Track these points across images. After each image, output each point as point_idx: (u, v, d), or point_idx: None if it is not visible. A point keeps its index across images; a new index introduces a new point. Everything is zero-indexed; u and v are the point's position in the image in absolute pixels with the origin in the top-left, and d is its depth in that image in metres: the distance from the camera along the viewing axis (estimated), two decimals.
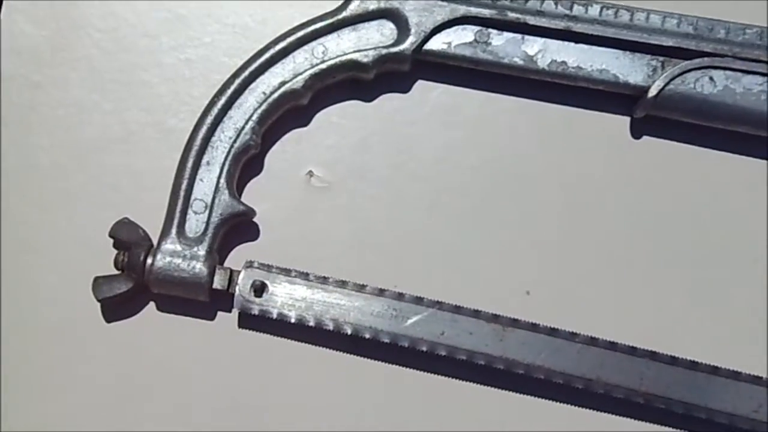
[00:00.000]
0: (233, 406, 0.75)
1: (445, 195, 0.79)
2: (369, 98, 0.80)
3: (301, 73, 0.75)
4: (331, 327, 0.74)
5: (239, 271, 0.74)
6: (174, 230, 0.74)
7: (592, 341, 0.74)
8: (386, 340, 0.74)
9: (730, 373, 0.73)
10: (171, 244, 0.74)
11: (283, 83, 0.75)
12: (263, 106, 0.74)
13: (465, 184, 0.79)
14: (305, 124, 0.78)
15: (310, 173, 0.77)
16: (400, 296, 0.73)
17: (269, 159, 0.78)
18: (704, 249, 0.78)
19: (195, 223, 0.74)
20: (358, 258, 0.77)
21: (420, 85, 0.80)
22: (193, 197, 0.73)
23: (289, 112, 0.76)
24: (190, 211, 0.74)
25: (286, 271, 0.74)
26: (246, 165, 0.76)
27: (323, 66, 0.75)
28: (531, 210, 0.78)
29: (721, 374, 0.73)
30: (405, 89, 0.80)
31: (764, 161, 0.79)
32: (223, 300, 0.75)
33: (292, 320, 0.73)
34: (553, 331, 0.74)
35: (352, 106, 0.79)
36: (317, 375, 0.76)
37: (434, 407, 0.76)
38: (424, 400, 0.75)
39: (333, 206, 0.77)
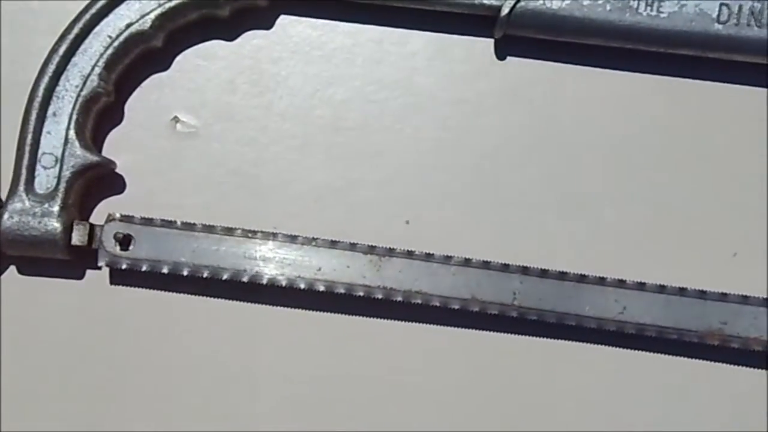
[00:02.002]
0: (115, 366, 0.39)
1: (317, 131, 0.45)
2: (231, 37, 0.45)
3: (147, 14, 0.38)
4: (206, 274, 0.37)
5: (101, 226, 0.35)
6: (22, 187, 0.40)
7: (467, 262, 0.43)
8: (263, 282, 0.38)
9: (596, 280, 0.43)
10: (19, 203, 0.40)
11: (129, 25, 0.38)
12: (110, 50, 0.38)
13: (336, 119, 0.45)
14: (164, 69, 0.42)
15: (176, 119, 0.41)
16: (272, 236, 0.39)
17: (129, 107, 0.42)
18: (572, 165, 0.46)
19: (45, 179, 0.39)
20: (233, 202, 0.44)
21: (283, 20, 0.46)
22: (41, 152, 0.39)
23: (144, 56, 0.40)
24: (38, 166, 0.40)
25: (151, 221, 0.37)
26: (102, 114, 0.40)
27: (171, 4, 0.37)
28: (405, 139, 0.45)
29: (587, 281, 0.43)
30: (267, 25, 0.45)
31: (626, 73, 0.45)
32: (89, 257, 0.40)
33: (165, 271, 0.38)
34: (428, 257, 0.43)
35: (214, 46, 0.43)
36: (200, 326, 0.42)
37: (317, 343, 0.43)
38: (307, 338, 0.41)
39: (202, 151, 0.43)
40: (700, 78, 0.45)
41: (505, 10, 0.43)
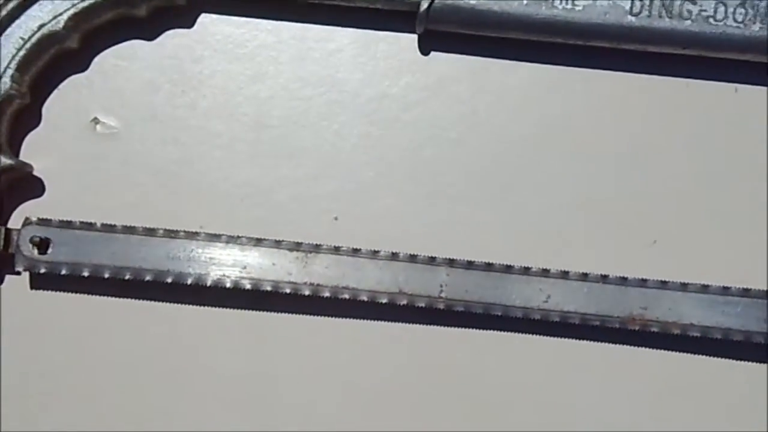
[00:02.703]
0: (38, 371, 0.38)
1: (241, 129, 0.45)
2: (150, 37, 0.45)
3: (60, 14, 0.38)
4: (128, 276, 0.37)
5: (18, 230, 0.35)
6: None
7: (393, 256, 0.44)
8: (188, 282, 0.38)
9: (521, 270, 0.44)
10: None
11: (42, 26, 0.37)
12: (22, 52, 0.37)
13: (261, 116, 0.45)
14: (82, 70, 0.42)
15: (95, 120, 0.41)
16: (194, 235, 0.38)
17: (47, 109, 0.42)
18: (495, 157, 0.46)
19: None
20: (157, 203, 0.44)
21: (204, 18, 0.45)
22: None
23: (60, 58, 0.40)
24: None
25: (70, 224, 0.37)
26: (17, 117, 0.40)
27: (84, 4, 0.37)
28: (331, 136, 0.46)
29: (513, 272, 0.44)
30: (188, 24, 0.45)
31: (546, 65, 0.46)
32: (8, 262, 0.39)
33: (85, 274, 0.37)
34: (355, 252, 0.43)
35: (133, 46, 0.43)
36: (123, 328, 0.41)
37: (244, 342, 0.41)
38: (234, 337, 0.40)
39: (124, 152, 0.43)
40: (618, 69, 0.46)
41: (423, 6, 0.43)
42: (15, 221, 0.42)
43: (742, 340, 0.43)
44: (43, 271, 0.40)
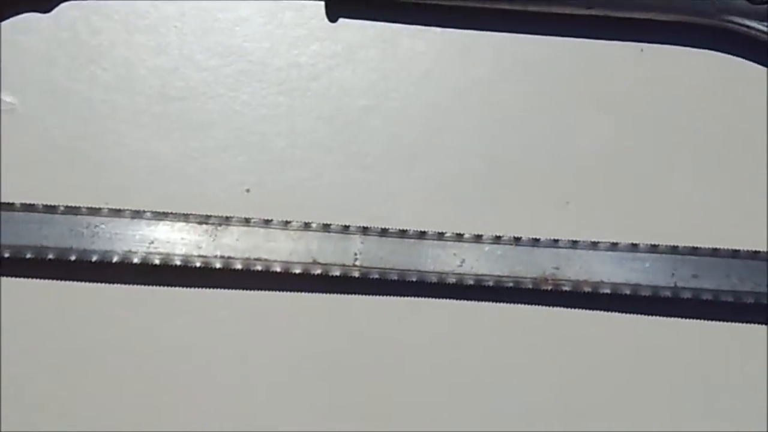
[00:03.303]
0: None
1: (146, 102, 0.44)
2: (46, 8, 0.43)
3: None
4: (29, 255, 0.36)
5: None
6: None
7: (306, 226, 0.43)
8: (93, 260, 0.36)
9: (435, 235, 0.44)
10: None
11: None
12: None
13: (166, 88, 0.44)
14: None
15: None
16: (97, 211, 0.36)
17: None
18: (407, 123, 0.46)
19: None
20: (60, 180, 0.43)
21: None
22: None
23: None
24: None
25: None
26: None
27: None
28: (240, 106, 0.45)
29: (427, 238, 0.44)
30: None
31: (456, 30, 0.46)
32: None
33: None
34: (266, 223, 0.43)
35: (28, 19, 0.40)
36: (27, 308, 0.41)
37: (155, 318, 0.40)
38: (145, 314, 0.39)
39: (23, 129, 0.42)
40: (525, 32, 0.46)
41: None
42: None
43: (650, 294, 0.43)
44: None
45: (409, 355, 0.45)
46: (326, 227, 0.43)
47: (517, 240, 0.44)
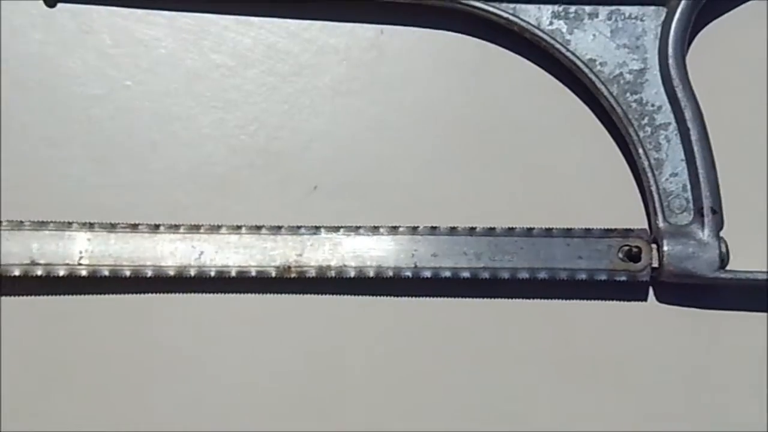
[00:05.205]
0: None
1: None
2: None
3: None
4: None
5: None
6: None
7: (20, 224, 0.41)
8: None
9: (170, 228, 0.43)
10: None
11: None
12: None
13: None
14: None
15: None
16: None
17: None
18: (144, 114, 0.45)
19: None
20: None
21: None
22: None
23: None
24: None
25: None
26: None
27: None
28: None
29: (161, 231, 0.43)
30: None
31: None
32: None
33: None
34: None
35: None
36: None
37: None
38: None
39: None
40: (312, 18, 0.45)
41: None
42: None
43: (392, 276, 0.44)
44: None
45: (151, 352, 0.43)
46: (42, 224, 0.41)
47: (258, 228, 0.44)
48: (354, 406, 0.43)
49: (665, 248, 0.42)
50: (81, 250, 0.41)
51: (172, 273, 0.42)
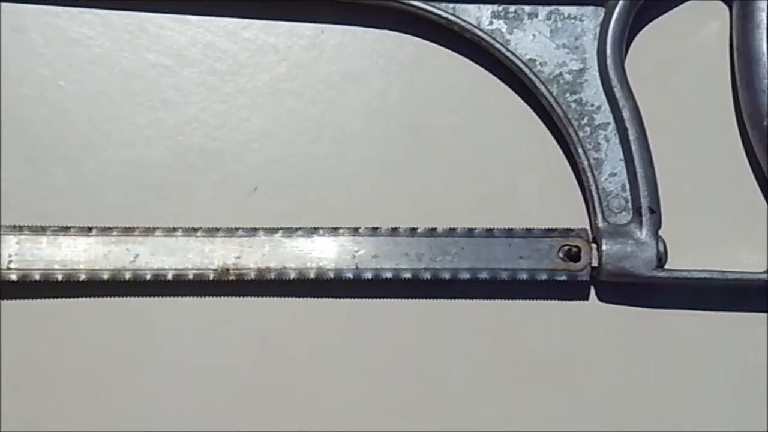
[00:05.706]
0: None
1: None
2: None
3: None
4: None
5: None
6: None
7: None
8: None
9: (102, 231, 0.42)
10: None
11: None
12: None
13: None
14: None
15: None
16: None
17: None
18: (84, 113, 0.44)
19: None
20: None
21: None
22: None
23: None
24: None
25: None
26: None
27: None
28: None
29: (93, 234, 0.42)
30: None
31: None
32: None
33: None
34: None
35: None
36: None
37: None
38: None
39: None
40: (259, 17, 0.45)
41: None
42: None
43: (333, 277, 0.43)
44: None
45: (85, 359, 0.42)
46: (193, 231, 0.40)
47: (194, 230, 0.43)
48: (294, 409, 0.42)
49: (604, 248, 0.42)
50: (10, 253, 0.40)
51: (106, 277, 0.42)
